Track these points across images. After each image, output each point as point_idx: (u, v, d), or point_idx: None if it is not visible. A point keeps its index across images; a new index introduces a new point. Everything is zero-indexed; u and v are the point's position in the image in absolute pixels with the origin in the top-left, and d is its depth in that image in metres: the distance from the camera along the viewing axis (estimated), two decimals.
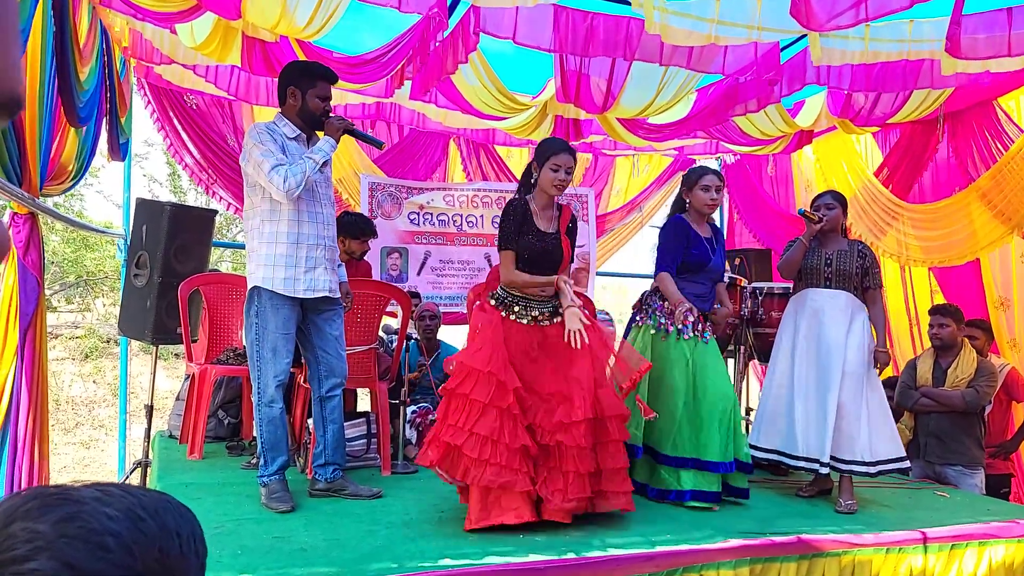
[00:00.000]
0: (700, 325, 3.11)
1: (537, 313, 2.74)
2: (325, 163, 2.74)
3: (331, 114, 2.84)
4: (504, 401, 2.51)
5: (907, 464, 3.17)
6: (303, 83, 2.78)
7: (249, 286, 2.79)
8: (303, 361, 3.18)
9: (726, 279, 3.55)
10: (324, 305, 2.86)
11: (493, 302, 2.77)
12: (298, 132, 2.81)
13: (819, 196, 3.39)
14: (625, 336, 3.35)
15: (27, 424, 2.87)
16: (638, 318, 3.25)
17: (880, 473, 3.09)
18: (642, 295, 3.32)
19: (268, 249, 2.74)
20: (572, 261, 2.94)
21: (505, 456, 2.48)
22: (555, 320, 2.75)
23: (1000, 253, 4.46)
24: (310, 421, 3.31)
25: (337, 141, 2.79)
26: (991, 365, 3.78)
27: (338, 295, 2.91)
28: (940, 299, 4.71)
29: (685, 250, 3.11)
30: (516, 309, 2.71)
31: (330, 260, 2.85)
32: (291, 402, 3.57)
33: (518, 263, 2.74)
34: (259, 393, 2.78)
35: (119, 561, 0.47)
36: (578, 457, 2.53)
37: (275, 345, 2.74)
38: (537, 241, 2.72)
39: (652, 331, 3.13)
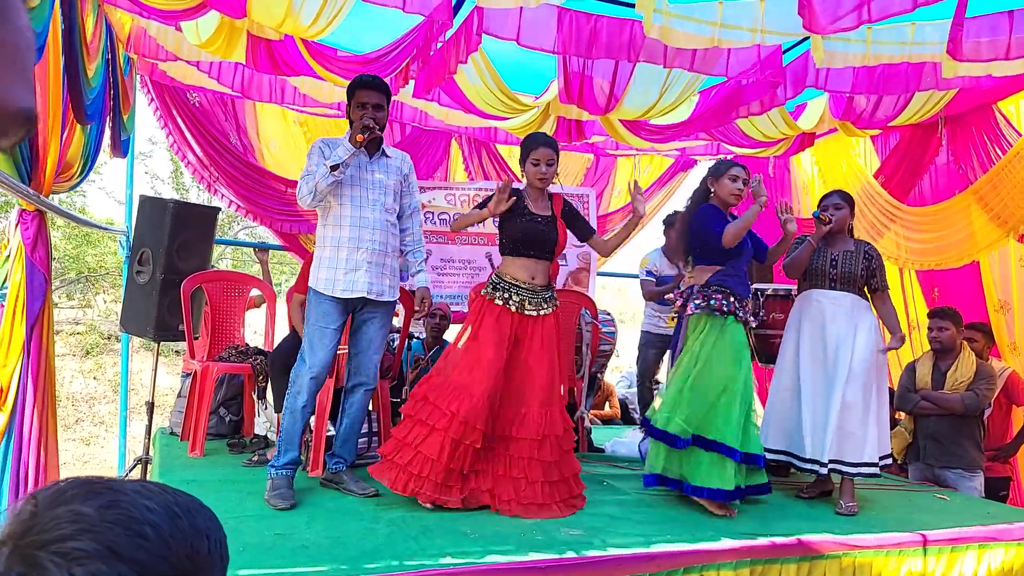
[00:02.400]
0: (742, 309, 3.06)
1: (526, 302, 2.90)
2: (336, 167, 2.73)
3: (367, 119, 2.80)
4: (468, 438, 2.74)
5: (891, 461, 3.28)
6: (348, 95, 2.89)
7: None
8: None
9: None
10: (365, 306, 2.94)
11: (490, 290, 2.94)
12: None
13: (827, 196, 3.39)
14: (677, 333, 3.31)
15: (31, 420, 2.88)
16: (695, 304, 3.06)
17: (884, 468, 3.13)
18: (688, 290, 3.15)
19: (319, 252, 2.91)
20: (591, 232, 3.11)
21: (443, 475, 2.70)
22: (540, 313, 2.92)
23: (1000, 257, 4.46)
24: (311, 419, 3.33)
25: (356, 144, 2.77)
26: (990, 368, 3.79)
27: (383, 298, 2.93)
28: (921, 303, 4.74)
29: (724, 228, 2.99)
30: (505, 296, 2.89)
31: (376, 264, 2.88)
32: None
33: (512, 244, 2.94)
34: (292, 382, 2.87)
35: (155, 551, 0.49)
36: (528, 466, 2.77)
37: (311, 338, 2.85)
38: (529, 221, 2.91)
39: (704, 316, 3.01)
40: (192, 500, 0.56)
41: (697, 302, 3.03)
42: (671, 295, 3.36)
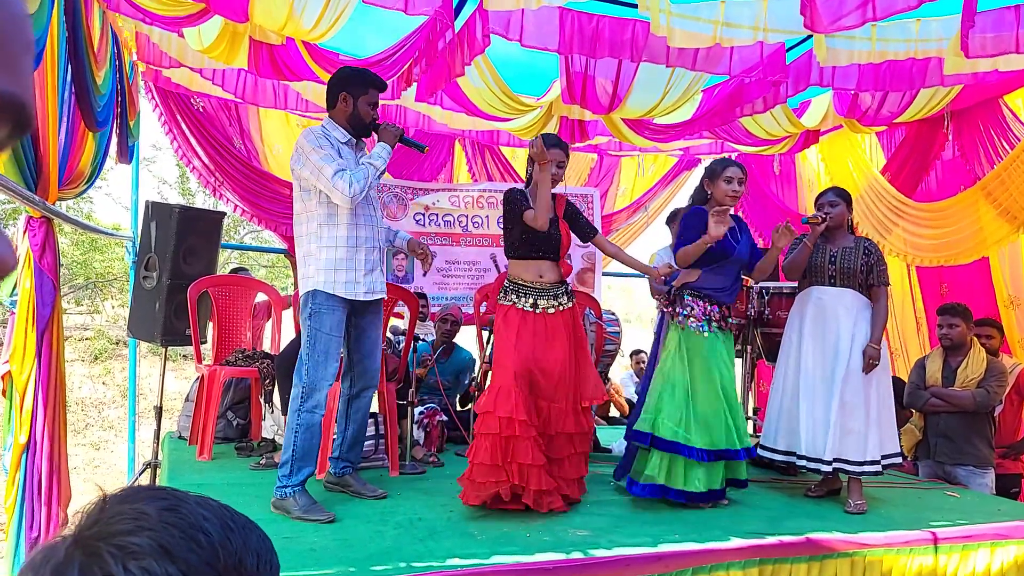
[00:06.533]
0: (724, 318, 3.09)
1: (543, 302, 2.90)
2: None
3: (379, 121, 2.86)
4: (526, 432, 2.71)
5: (900, 460, 3.24)
6: (356, 89, 2.78)
7: (305, 289, 2.73)
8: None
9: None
10: (370, 308, 2.89)
11: (503, 296, 2.94)
12: (349, 137, 2.80)
13: (822, 193, 3.38)
14: (659, 333, 3.36)
15: (43, 425, 2.90)
16: (674, 314, 3.15)
17: (888, 467, 3.10)
18: (670, 291, 3.23)
19: (328, 253, 2.71)
20: (594, 232, 3.14)
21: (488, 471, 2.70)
22: (557, 309, 2.92)
23: (1010, 252, 4.43)
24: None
25: (392, 147, 2.81)
26: (1001, 365, 3.76)
27: (383, 296, 2.95)
28: (915, 300, 4.71)
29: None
30: (522, 300, 2.89)
31: (381, 262, 2.90)
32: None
33: (517, 247, 2.94)
34: (303, 397, 2.68)
35: (207, 558, 0.51)
36: (563, 466, 2.80)
37: (327, 348, 2.70)
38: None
39: (685, 327, 3.08)
40: (248, 520, 0.58)
41: (670, 307, 3.14)
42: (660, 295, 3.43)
